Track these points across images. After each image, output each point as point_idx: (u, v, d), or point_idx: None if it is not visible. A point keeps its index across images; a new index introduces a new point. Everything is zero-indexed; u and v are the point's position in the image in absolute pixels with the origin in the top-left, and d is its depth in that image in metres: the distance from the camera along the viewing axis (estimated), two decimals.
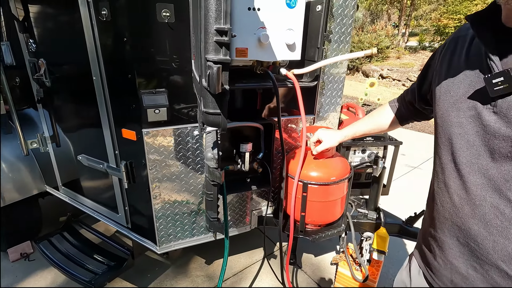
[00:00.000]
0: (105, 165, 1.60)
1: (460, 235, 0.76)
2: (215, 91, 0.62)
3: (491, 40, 0.67)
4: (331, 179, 1.41)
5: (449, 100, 0.77)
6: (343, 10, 1.51)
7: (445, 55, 0.82)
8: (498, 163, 0.67)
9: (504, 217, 0.67)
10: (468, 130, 0.72)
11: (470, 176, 0.72)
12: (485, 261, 0.71)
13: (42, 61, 1.63)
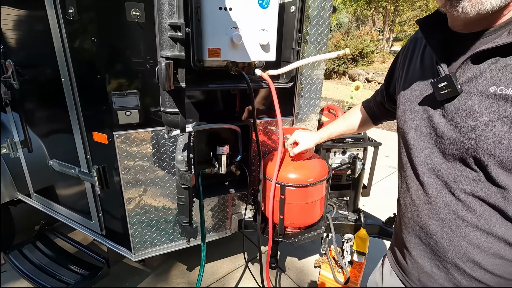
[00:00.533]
0: (77, 170, 1.54)
1: (422, 235, 0.76)
2: (165, 88, 0.59)
3: (440, 44, 0.68)
4: (309, 180, 1.40)
5: (406, 102, 0.78)
6: (319, 12, 1.51)
7: (405, 57, 0.84)
8: (448, 164, 0.68)
9: (457, 215, 0.67)
10: (423, 132, 0.73)
11: (425, 176, 0.73)
12: (445, 260, 0.71)
13: (9, 62, 1.56)
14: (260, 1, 1.15)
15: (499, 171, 0.60)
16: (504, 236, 0.62)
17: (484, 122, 0.60)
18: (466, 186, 0.65)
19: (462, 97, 0.64)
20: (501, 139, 0.58)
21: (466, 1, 0.58)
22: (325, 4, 1.51)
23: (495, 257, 0.64)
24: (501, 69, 0.58)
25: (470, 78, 0.63)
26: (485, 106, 0.60)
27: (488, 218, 0.63)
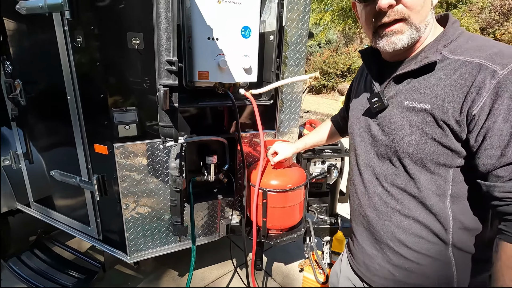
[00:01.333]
0: (77, 179, 1.68)
1: (364, 223, 0.94)
2: (163, 108, 0.77)
3: (375, 69, 0.88)
4: (288, 186, 1.57)
5: (354, 115, 0.98)
6: (296, 39, 1.73)
7: (356, 80, 1.04)
8: (380, 162, 0.87)
9: (386, 204, 0.86)
10: (364, 138, 0.92)
11: (365, 174, 0.91)
12: (380, 241, 0.89)
13: (18, 81, 1.73)
14: (243, 33, 1.36)
15: (412, 165, 0.79)
16: (418, 218, 0.81)
17: (401, 127, 0.79)
18: (391, 179, 0.84)
19: (388, 110, 0.83)
20: (411, 140, 0.77)
21: (384, 41, 0.78)
22: (301, 32, 1.74)
23: (414, 236, 0.82)
24: (412, 88, 0.78)
25: (392, 95, 0.83)
26: (401, 115, 0.79)
27: (407, 204, 0.82)
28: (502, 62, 0.66)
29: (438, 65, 0.74)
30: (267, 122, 1.82)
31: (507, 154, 0.66)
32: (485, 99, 0.66)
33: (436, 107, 0.73)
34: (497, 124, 0.66)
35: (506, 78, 0.64)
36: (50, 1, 1.35)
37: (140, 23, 1.36)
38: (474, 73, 0.68)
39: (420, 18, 0.74)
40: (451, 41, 0.76)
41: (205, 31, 1.29)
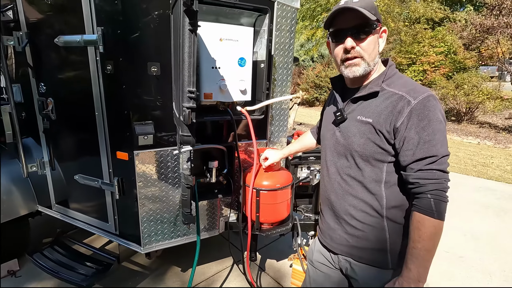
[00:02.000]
0: (99, 182, 1.99)
1: (328, 204, 1.28)
2: (187, 123, 1.09)
3: (340, 92, 1.23)
4: (277, 186, 1.90)
5: (324, 124, 1.33)
6: (283, 65, 2.11)
7: (328, 99, 1.40)
8: (339, 159, 1.22)
9: (342, 188, 1.20)
10: (330, 141, 1.27)
11: (330, 167, 1.26)
12: (339, 217, 1.23)
13: (50, 100, 2.05)
14: (239, 62, 1.72)
15: (360, 160, 1.13)
16: (363, 198, 1.14)
17: (353, 133, 1.14)
18: (346, 171, 1.18)
19: (347, 121, 1.18)
20: (360, 142, 1.12)
21: (348, 70, 1.13)
22: (287, 59, 2.12)
23: (361, 211, 1.15)
24: (362, 107, 1.13)
25: (350, 111, 1.17)
26: (354, 125, 1.14)
27: (356, 188, 1.16)
28: (414, 95, 1.02)
29: (379, 93, 1.10)
30: (260, 133, 2.17)
31: (416, 154, 1.01)
32: (403, 118, 1.02)
33: (376, 121, 1.08)
34: (410, 134, 1.01)
35: (416, 105, 1.01)
36: (86, 37, 1.71)
37: (158, 55, 1.72)
38: (398, 101, 1.04)
39: (370, 58, 1.10)
40: (388, 78, 1.12)
41: (210, 62, 1.64)
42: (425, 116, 0.99)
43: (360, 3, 1.03)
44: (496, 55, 12.94)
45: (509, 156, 7.35)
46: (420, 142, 1.00)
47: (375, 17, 1.04)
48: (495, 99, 10.41)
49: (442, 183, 0.99)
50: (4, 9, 1.99)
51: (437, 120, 1.00)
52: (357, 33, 1.06)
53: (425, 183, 1.00)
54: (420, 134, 1.00)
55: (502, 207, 4.24)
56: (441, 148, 0.99)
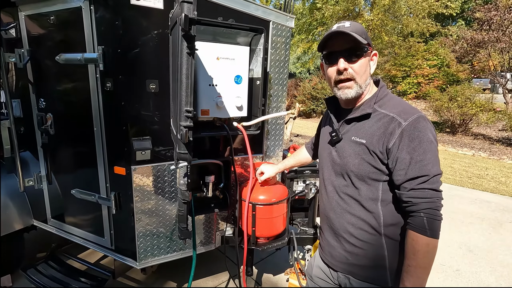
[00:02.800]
0: (96, 196, 2.00)
1: (327, 221, 1.30)
2: (184, 141, 1.13)
3: (334, 112, 1.27)
4: (273, 200, 1.92)
5: (321, 143, 1.37)
6: (278, 81, 2.17)
7: (323, 118, 1.44)
8: (336, 178, 1.25)
9: (341, 207, 1.22)
10: (327, 161, 1.30)
11: (328, 186, 1.28)
12: (338, 235, 1.24)
13: (49, 115, 2.09)
14: (236, 80, 1.78)
15: (356, 180, 1.16)
16: (361, 216, 1.17)
17: (349, 154, 1.17)
18: (343, 189, 1.21)
19: (342, 142, 1.21)
20: (354, 162, 1.15)
21: (340, 91, 1.17)
22: (282, 76, 2.18)
23: (359, 229, 1.18)
24: (356, 128, 1.17)
25: (345, 132, 1.21)
26: (350, 146, 1.18)
27: (354, 207, 1.18)
28: (405, 117, 1.06)
29: (372, 114, 1.14)
30: (256, 148, 2.20)
31: (408, 173, 1.04)
32: (395, 139, 1.06)
33: (369, 142, 1.11)
34: (402, 155, 1.05)
35: (406, 127, 1.05)
36: (87, 55, 1.76)
37: (157, 72, 1.77)
38: (389, 122, 1.08)
39: (362, 80, 1.15)
40: (380, 100, 1.17)
41: (207, 80, 1.69)
42: (416, 137, 1.03)
43: (351, 28, 1.09)
44: (488, 68, 13.27)
45: (503, 167, 7.44)
46: (411, 162, 1.03)
47: (365, 41, 1.09)
48: (488, 111, 10.61)
49: (434, 202, 1.02)
50: (7, 27, 2.04)
51: (428, 141, 1.03)
52: (349, 56, 1.11)
53: (418, 202, 1.03)
54: (411, 154, 1.03)
55: (497, 219, 4.27)
56: (432, 168, 1.03)
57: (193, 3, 1.04)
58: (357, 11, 14.03)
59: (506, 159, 8.34)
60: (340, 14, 13.76)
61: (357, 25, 1.12)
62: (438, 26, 14.49)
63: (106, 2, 1.68)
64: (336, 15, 13.75)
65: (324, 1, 13.61)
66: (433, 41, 18.68)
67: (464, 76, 16.32)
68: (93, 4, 1.70)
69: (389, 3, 12.39)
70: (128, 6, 1.61)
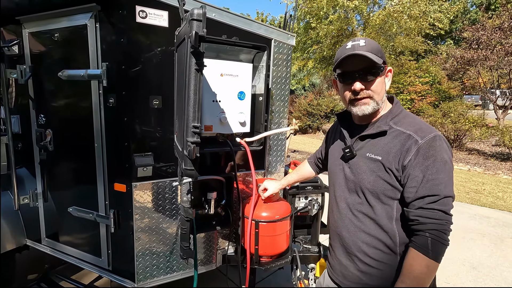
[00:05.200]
0: (94, 214, 1.94)
1: (339, 240, 1.26)
2: (192, 158, 1.11)
3: (348, 129, 1.26)
4: (276, 217, 1.89)
5: (332, 159, 1.36)
6: (280, 97, 2.19)
7: (332, 133, 1.44)
8: (350, 195, 1.22)
9: (354, 225, 1.19)
10: (339, 177, 1.27)
11: (340, 203, 1.26)
12: (351, 253, 1.21)
13: (49, 131, 2.06)
14: (239, 96, 1.78)
15: (371, 197, 1.14)
16: (376, 235, 1.14)
17: (363, 170, 1.16)
18: (357, 207, 1.18)
19: (356, 158, 1.20)
20: (369, 179, 1.13)
21: (357, 108, 1.16)
22: (283, 92, 2.20)
23: (374, 248, 1.14)
24: (371, 144, 1.16)
25: (359, 148, 1.20)
26: (364, 162, 1.16)
27: (368, 225, 1.15)
28: (421, 135, 1.06)
29: (388, 132, 1.13)
30: (258, 164, 2.18)
31: (419, 191, 1.03)
32: (411, 156, 1.05)
33: (385, 159, 1.10)
34: (415, 172, 1.04)
35: (423, 145, 1.04)
36: (91, 71, 1.76)
37: (160, 88, 1.77)
38: (406, 140, 1.07)
39: (379, 97, 1.15)
40: (395, 116, 1.16)
41: (211, 96, 1.69)
42: (431, 156, 1.02)
43: (366, 47, 1.09)
44: (478, 85, 13.65)
45: (499, 182, 7.49)
46: (423, 180, 1.02)
47: (381, 59, 1.09)
48: (481, 126, 10.80)
49: (442, 224, 1.00)
50: (10, 44, 2.05)
51: (442, 160, 1.02)
52: (365, 76, 1.11)
53: (425, 222, 1.01)
54: (424, 172, 1.02)
55: (498, 235, 4.24)
56: (444, 189, 1.00)
57: (202, 21, 1.05)
58: (350, 30, 14.50)
59: (502, 174, 8.41)
60: (334, 33, 14.19)
61: (372, 43, 1.11)
62: (430, 44, 15.00)
63: (112, 20, 1.70)
64: (330, 34, 14.17)
65: (318, 21, 14.06)
66: (424, 59, 19.26)
67: (456, 92, 16.73)
68: (98, 22, 1.72)
69: (381, 23, 12.84)
70: (134, 24, 1.64)
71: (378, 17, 12.77)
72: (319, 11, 13.53)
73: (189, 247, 1.49)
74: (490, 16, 13.26)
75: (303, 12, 14.19)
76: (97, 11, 1.71)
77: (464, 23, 16.08)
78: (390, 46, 14.94)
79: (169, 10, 1.71)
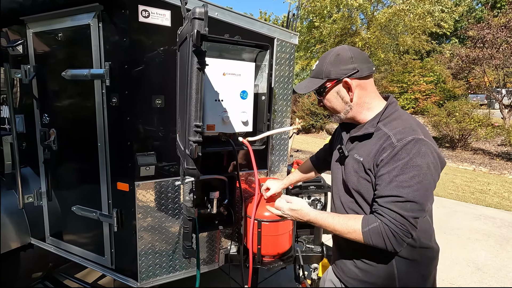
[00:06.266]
0: (98, 213, 1.95)
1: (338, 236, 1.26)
2: (194, 157, 1.11)
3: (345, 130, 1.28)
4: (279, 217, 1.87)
5: (333, 160, 1.36)
6: (282, 97, 2.18)
7: (336, 133, 1.45)
8: (344, 193, 1.24)
9: None
10: (337, 176, 1.30)
11: (336, 201, 1.29)
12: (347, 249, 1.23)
13: (53, 130, 2.07)
14: (241, 95, 1.78)
15: (358, 196, 1.16)
16: None
17: (350, 171, 1.17)
18: (349, 205, 1.20)
19: (348, 158, 1.21)
20: (353, 179, 1.15)
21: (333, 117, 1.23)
22: (286, 91, 2.19)
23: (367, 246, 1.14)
24: (359, 146, 1.18)
25: (350, 149, 1.21)
26: (352, 163, 1.17)
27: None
28: (399, 137, 1.05)
29: (374, 133, 1.13)
30: (260, 163, 2.18)
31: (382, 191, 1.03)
32: (384, 156, 1.05)
33: (365, 160, 1.11)
34: (383, 171, 1.04)
35: (397, 147, 1.03)
36: (94, 71, 1.76)
37: (162, 88, 1.77)
38: (385, 141, 1.07)
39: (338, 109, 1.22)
40: (386, 118, 1.15)
41: (213, 95, 1.69)
42: (402, 158, 1.01)
43: (313, 73, 1.23)
44: (483, 84, 13.50)
45: (505, 182, 7.40)
46: (388, 180, 1.02)
47: (322, 80, 1.17)
48: (486, 126, 10.69)
49: (396, 226, 0.99)
50: (14, 44, 2.06)
51: (413, 165, 1.00)
52: (318, 94, 1.24)
53: (382, 216, 1.02)
54: (390, 172, 1.02)
55: (503, 236, 4.20)
56: (411, 193, 0.98)
57: (204, 20, 1.05)
58: (354, 30, 14.43)
59: (507, 174, 8.32)
60: (337, 32, 14.13)
61: (320, 63, 1.20)
62: (433, 43, 14.87)
63: (115, 20, 1.71)
64: (334, 33, 14.11)
65: (321, 20, 14.01)
66: (428, 58, 19.10)
67: (461, 92, 16.57)
68: (101, 22, 1.73)
69: (386, 22, 12.75)
70: (137, 24, 1.64)
71: (384, 15, 12.69)
72: (322, 10, 13.48)
73: (191, 247, 1.49)
74: (496, 14, 13.10)
75: (306, 11, 14.14)
76: (100, 10, 1.72)
77: (470, 22, 15.90)
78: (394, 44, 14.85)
79: (172, 10, 1.70)
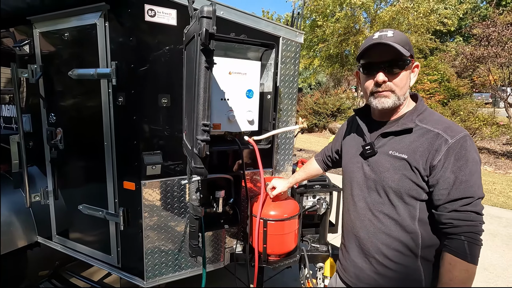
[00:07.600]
0: (104, 212, 1.96)
1: (356, 241, 1.23)
2: (202, 156, 1.11)
3: (367, 125, 1.22)
4: (284, 216, 1.88)
5: (348, 156, 1.32)
6: (288, 95, 2.17)
7: (346, 129, 1.40)
8: (369, 194, 1.18)
9: (374, 226, 1.16)
10: (358, 175, 1.23)
11: (358, 202, 1.21)
12: (368, 255, 1.17)
13: (59, 129, 2.08)
14: (247, 94, 1.78)
15: (394, 196, 1.10)
16: (398, 237, 1.11)
17: (386, 169, 1.12)
18: (378, 207, 1.14)
19: (377, 155, 1.15)
20: (393, 178, 1.09)
21: (376, 100, 1.12)
22: (292, 90, 2.19)
23: (394, 250, 1.12)
24: (394, 142, 1.12)
25: (380, 145, 1.15)
26: (387, 160, 1.12)
27: (389, 226, 1.12)
28: (451, 134, 1.02)
29: (413, 129, 1.09)
30: (266, 162, 2.17)
31: (452, 194, 1.00)
32: (440, 156, 1.01)
33: (411, 158, 1.06)
34: (446, 174, 1.00)
35: (453, 145, 1.01)
36: (100, 70, 1.77)
37: (169, 87, 1.78)
38: (435, 139, 1.04)
39: (401, 92, 1.11)
40: (420, 114, 1.12)
41: (219, 94, 1.69)
42: (463, 156, 0.99)
43: (394, 38, 1.04)
44: (488, 82, 13.37)
45: (510, 182, 7.34)
46: (456, 182, 0.99)
47: (409, 52, 1.05)
48: (491, 125, 10.58)
49: (477, 226, 0.98)
50: (21, 44, 2.08)
51: (474, 161, 0.99)
52: (390, 68, 1.07)
53: (460, 224, 0.98)
54: (457, 174, 0.99)
55: (509, 235, 4.16)
56: (478, 190, 0.99)
57: (212, 19, 1.05)
58: (357, 28, 14.35)
59: None
60: (340, 31, 14.06)
61: (401, 35, 1.07)
62: (437, 42, 14.75)
63: (121, 19, 1.71)
64: (337, 32, 14.05)
65: (324, 19, 13.95)
66: (432, 56, 18.96)
67: (465, 90, 16.42)
68: (107, 21, 1.73)
69: (389, 20, 12.67)
70: (143, 23, 1.64)
71: (387, 13, 12.61)
72: (325, 9, 13.43)
73: (198, 245, 1.49)
74: (501, 12, 12.96)
75: (309, 10, 14.09)
76: (107, 10, 1.72)
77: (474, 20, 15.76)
78: None
79: (178, 9, 1.70)
